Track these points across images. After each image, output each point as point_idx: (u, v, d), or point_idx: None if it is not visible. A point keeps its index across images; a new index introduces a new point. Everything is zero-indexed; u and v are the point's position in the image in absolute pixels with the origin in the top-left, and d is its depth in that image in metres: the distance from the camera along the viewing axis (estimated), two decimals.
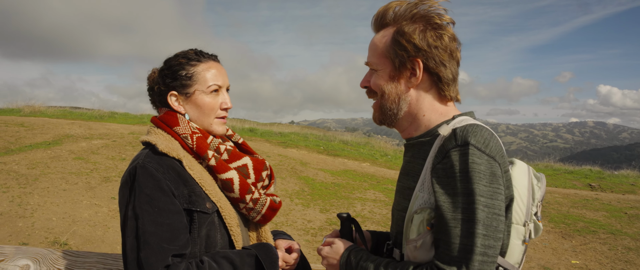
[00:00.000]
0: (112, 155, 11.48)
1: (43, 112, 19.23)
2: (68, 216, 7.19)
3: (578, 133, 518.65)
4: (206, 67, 1.87)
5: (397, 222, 1.65)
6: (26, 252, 2.67)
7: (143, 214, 1.60)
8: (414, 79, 1.59)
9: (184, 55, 1.87)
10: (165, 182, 1.65)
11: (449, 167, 1.40)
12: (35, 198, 7.82)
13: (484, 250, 1.34)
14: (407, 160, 1.69)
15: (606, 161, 20.39)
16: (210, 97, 1.86)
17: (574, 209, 10.08)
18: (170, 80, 1.85)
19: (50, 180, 8.90)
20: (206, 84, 1.85)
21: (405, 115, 1.65)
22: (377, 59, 1.66)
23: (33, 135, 12.82)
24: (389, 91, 1.63)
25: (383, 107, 1.67)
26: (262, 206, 1.92)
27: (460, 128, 1.44)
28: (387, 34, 1.63)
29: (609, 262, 6.75)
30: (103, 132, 14.30)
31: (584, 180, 14.77)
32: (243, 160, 1.93)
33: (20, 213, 7.09)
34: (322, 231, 7.70)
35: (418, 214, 1.48)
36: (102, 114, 20.45)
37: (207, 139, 1.85)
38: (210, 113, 1.87)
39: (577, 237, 7.87)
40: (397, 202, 1.70)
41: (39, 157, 10.49)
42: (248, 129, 21.34)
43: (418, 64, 1.56)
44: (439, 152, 1.46)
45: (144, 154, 1.74)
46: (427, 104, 1.63)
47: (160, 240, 1.59)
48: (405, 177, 1.67)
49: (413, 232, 1.49)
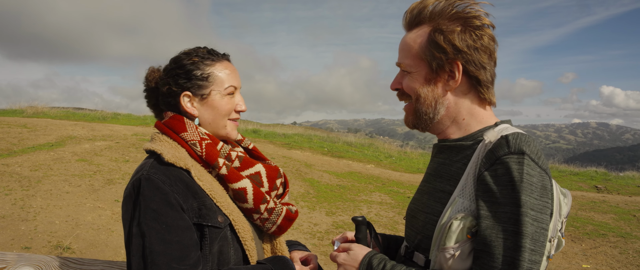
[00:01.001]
0: (115, 157, 11.42)
1: (46, 113, 19.21)
2: (71, 219, 7.11)
3: (581, 134, 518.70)
4: (222, 67, 1.74)
5: (426, 226, 1.53)
6: (29, 259, 2.59)
7: (150, 232, 1.46)
8: (453, 82, 1.50)
9: (197, 54, 1.73)
10: (173, 196, 1.52)
11: (501, 175, 1.32)
12: (37, 201, 7.74)
13: (530, 266, 1.27)
14: (441, 161, 1.60)
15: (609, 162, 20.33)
16: (226, 98, 1.73)
17: (582, 211, 9.97)
18: (184, 80, 1.69)
19: (53, 182, 8.83)
20: (223, 85, 1.71)
21: (442, 119, 1.56)
22: (411, 60, 1.55)
23: (36, 136, 12.77)
24: (425, 95, 1.53)
25: (418, 111, 1.57)
26: (278, 216, 1.77)
27: (512, 135, 1.36)
28: (422, 34, 1.52)
29: (620, 266, 6.64)
30: (106, 134, 14.25)
31: (590, 182, 14.67)
32: (256, 167, 1.80)
33: (22, 216, 7.01)
34: (329, 235, 7.61)
35: (457, 221, 1.38)
36: (105, 115, 20.43)
37: (217, 145, 1.72)
38: (225, 116, 1.74)
39: (586, 241, 7.77)
40: (424, 204, 1.59)
41: (42, 158, 10.43)
42: (252, 130, 21.31)
43: (458, 67, 1.47)
44: (487, 157, 1.37)
45: (149, 164, 1.59)
46: (466, 108, 1.54)
47: (169, 260, 1.44)
48: (437, 179, 1.57)
49: (451, 239, 1.38)
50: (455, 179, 1.48)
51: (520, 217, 1.27)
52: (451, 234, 1.38)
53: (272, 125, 27.59)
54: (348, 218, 8.67)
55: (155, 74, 1.81)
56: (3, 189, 8.16)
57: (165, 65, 1.80)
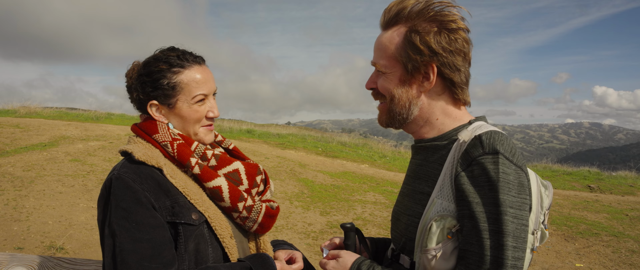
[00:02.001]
0: (109, 156, 11.37)
1: (39, 113, 19.10)
2: (64, 220, 7.07)
3: (574, 134, 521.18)
4: (191, 75, 1.67)
5: (408, 228, 1.55)
6: (21, 260, 2.57)
7: (120, 231, 1.44)
8: (427, 83, 1.51)
9: (166, 60, 1.67)
10: (143, 194, 1.50)
11: (477, 175, 1.35)
12: (30, 201, 7.70)
13: (514, 263, 1.30)
14: (418, 163, 1.61)
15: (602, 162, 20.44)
16: (195, 107, 1.69)
17: (575, 210, 10.02)
18: (150, 89, 1.67)
19: (46, 182, 8.78)
20: (191, 94, 1.67)
21: (416, 119, 1.58)
22: (386, 61, 1.56)
23: (28, 136, 12.70)
24: (400, 96, 1.55)
25: (391, 111, 1.58)
26: (258, 214, 1.76)
27: (485, 135, 1.38)
28: (398, 34, 1.52)
29: (613, 265, 6.67)
30: (99, 134, 14.18)
31: (583, 181, 14.73)
32: (234, 165, 1.76)
33: (15, 216, 6.97)
34: (323, 234, 7.61)
35: (437, 222, 1.40)
36: (99, 115, 20.34)
37: (190, 145, 1.70)
38: (194, 123, 1.71)
39: (580, 240, 7.80)
40: (406, 206, 1.60)
41: (35, 159, 10.37)
42: (246, 130, 21.27)
43: (433, 69, 1.48)
44: (463, 158, 1.39)
45: (120, 164, 1.59)
46: (439, 108, 1.56)
47: (140, 259, 1.42)
48: (416, 181, 1.59)
49: (431, 240, 1.41)
50: (433, 180, 1.50)
51: (500, 216, 1.30)
52: (431, 235, 1.40)
53: (266, 126, 27.55)
54: (343, 218, 8.67)
55: (131, 73, 1.77)
56: None
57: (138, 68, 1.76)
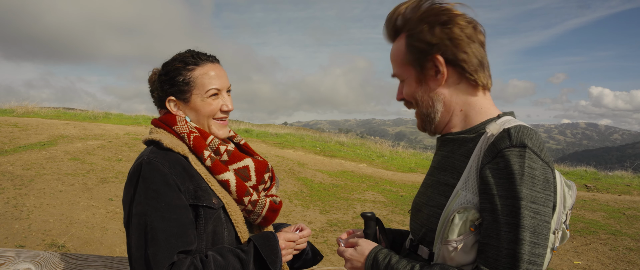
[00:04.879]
0: (108, 156, 11.37)
1: (36, 112, 19.05)
2: (65, 218, 7.08)
3: (570, 134, 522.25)
4: (204, 71, 1.82)
5: (430, 219, 1.54)
6: (27, 256, 2.59)
7: (150, 210, 1.57)
8: (440, 75, 1.52)
9: (181, 59, 1.82)
10: (171, 177, 1.63)
11: (502, 168, 1.33)
12: (31, 199, 7.70)
13: (533, 259, 1.28)
14: (444, 154, 1.61)
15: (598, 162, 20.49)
16: (209, 101, 1.82)
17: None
18: (168, 86, 1.82)
19: (46, 181, 8.77)
20: (204, 89, 1.80)
21: (443, 115, 1.59)
22: (400, 69, 1.62)
23: (27, 135, 12.67)
24: (421, 96, 1.59)
25: (422, 114, 1.62)
26: (262, 208, 1.87)
27: (514, 128, 1.37)
28: (401, 43, 1.58)
29: (611, 262, 6.73)
30: (98, 133, 14.17)
31: (580, 181, 14.79)
32: (244, 161, 1.87)
33: (16, 215, 6.97)
34: (323, 233, 7.64)
35: (460, 214, 1.40)
36: (96, 115, 20.29)
37: (206, 139, 1.82)
38: (208, 116, 1.84)
39: (578, 238, 7.85)
40: (428, 197, 1.60)
41: (34, 157, 10.36)
42: (244, 130, 21.28)
43: (438, 60, 1.50)
44: (489, 151, 1.38)
45: (149, 150, 1.72)
46: (462, 98, 1.56)
47: (168, 236, 1.55)
48: (441, 172, 1.59)
49: (453, 232, 1.40)
50: (458, 172, 1.49)
51: (519, 210, 1.28)
52: (454, 227, 1.40)
53: (263, 126, 27.54)
54: (342, 216, 8.71)
55: (153, 77, 1.93)
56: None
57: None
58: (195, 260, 1.59)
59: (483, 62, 1.53)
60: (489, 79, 1.56)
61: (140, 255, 1.54)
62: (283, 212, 8.64)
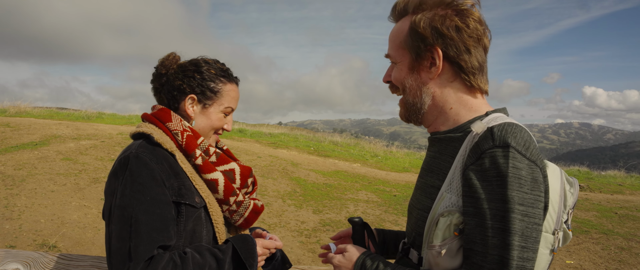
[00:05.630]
0: (101, 155, 11.31)
1: (29, 112, 18.96)
2: (57, 218, 7.04)
3: (564, 134, 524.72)
4: (230, 88, 1.93)
5: (418, 222, 1.50)
6: (16, 256, 2.57)
7: (134, 203, 1.59)
8: (434, 69, 1.45)
9: (218, 68, 1.92)
10: (158, 173, 1.66)
11: (486, 169, 1.26)
12: (22, 199, 7.65)
13: (522, 264, 1.22)
14: (432, 155, 1.56)
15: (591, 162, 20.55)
16: (221, 116, 1.92)
17: None
18: (196, 85, 1.87)
19: (38, 181, 8.72)
20: (224, 104, 1.91)
21: (430, 109, 1.52)
22: (395, 51, 1.54)
23: (19, 135, 12.60)
24: (410, 84, 1.51)
25: (407, 103, 1.56)
26: (246, 209, 1.94)
27: (497, 126, 1.31)
28: (405, 24, 1.51)
29: (603, 261, 6.76)
30: (91, 133, 14.10)
31: None
32: (231, 165, 1.94)
33: (6, 215, 6.93)
34: (316, 232, 7.64)
35: (444, 217, 1.34)
36: (90, 115, 20.22)
37: (197, 139, 1.86)
38: (214, 129, 1.93)
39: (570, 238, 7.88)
40: (417, 199, 1.56)
41: (26, 157, 10.30)
42: (237, 130, 21.24)
43: (437, 53, 1.43)
44: (472, 151, 1.32)
45: (138, 144, 1.74)
46: (453, 96, 1.49)
47: (151, 230, 1.58)
48: (428, 174, 1.54)
49: (438, 236, 1.35)
50: (444, 173, 1.44)
51: (507, 214, 1.22)
52: (438, 231, 1.35)
53: (258, 125, 27.50)
54: (335, 216, 8.70)
55: (172, 63, 1.93)
56: None
57: (182, 62, 1.95)
58: (174, 256, 1.60)
59: (483, 67, 1.48)
60: (486, 84, 1.50)
61: (121, 246, 1.55)
62: (276, 211, 8.63)
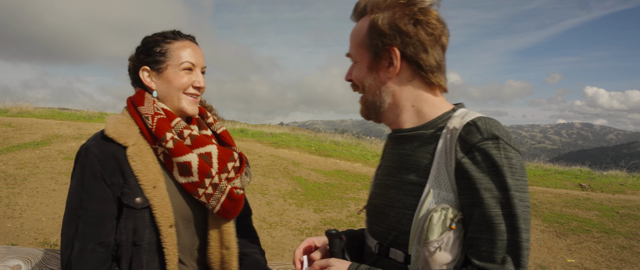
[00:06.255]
0: None
1: (31, 112, 18.96)
2: (58, 216, 7.06)
3: (565, 134, 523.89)
4: (181, 46, 1.85)
5: (400, 221, 1.48)
6: (17, 252, 2.58)
7: (75, 196, 1.67)
8: (392, 68, 1.48)
9: (161, 33, 1.87)
10: (100, 169, 1.67)
11: (481, 161, 1.32)
12: (23, 198, 7.67)
13: (527, 245, 1.30)
14: (403, 153, 1.55)
15: (593, 162, 20.51)
16: (182, 73, 1.83)
17: (566, 208, 10.10)
18: (144, 56, 1.84)
19: (39, 180, 8.74)
20: (179, 61, 1.82)
21: (390, 107, 1.55)
22: (355, 50, 1.56)
23: (21, 135, 12.62)
24: (370, 84, 1.54)
25: (367, 101, 1.58)
26: (222, 193, 1.81)
27: (479, 121, 1.36)
28: (364, 23, 1.53)
29: (604, 260, 6.75)
30: (93, 132, 14.08)
31: (575, 180, 14.84)
32: (208, 147, 1.84)
33: (8, 213, 6.95)
34: (317, 231, 7.64)
35: (437, 213, 1.36)
36: (91, 115, 20.22)
37: (171, 121, 1.80)
38: (179, 89, 1.83)
39: (571, 236, 7.88)
40: (392, 198, 1.53)
41: (28, 157, 10.31)
42: (239, 130, 21.25)
43: (394, 53, 1.45)
44: (461, 146, 1.36)
45: (94, 136, 1.76)
46: (413, 94, 1.51)
47: (85, 225, 1.64)
48: (402, 171, 1.52)
49: (433, 232, 1.36)
50: (424, 170, 1.45)
51: (510, 200, 1.28)
52: (433, 227, 1.37)
53: (259, 126, 27.51)
54: (336, 215, 8.71)
55: (133, 55, 1.94)
56: None
57: None
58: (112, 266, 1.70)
59: (441, 65, 1.50)
60: (445, 81, 1.53)
61: (63, 232, 1.67)
62: (276, 210, 8.64)
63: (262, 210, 8.70)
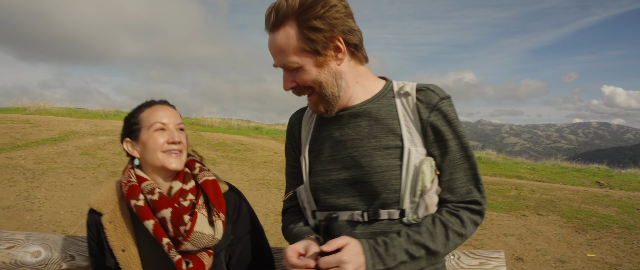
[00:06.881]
0: (118, 150, 11.44)
1: (48, 110, 19.21)
2: (76, 209, 7.13)
3: (582, 134, 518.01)
4: (151, 111, 1.95)
5: (389, 182, 1.57)
6: (37, 239, 2.59)
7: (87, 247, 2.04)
8: (340, 54, 1.59)
9: (136, 108, 2.01)
10: (89, 233, 1.98)
11: (444, 117, 1.60)
12: (42, 192, 7.76)
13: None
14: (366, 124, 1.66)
15: (611, 162, 20.23)
16: (155, 135, 1.90)
17: (585, 204, 9.97)
18: (124, 130, 2.00)
19: (57, 174, 8.84)
20: (149, 123, 1.92)
21: (345, 91, 1.66)
22: (294, 56, 1.57)
23: (39, 131, 12.79)
24: (326, 79, 1.60)
25: (326, 96, 1.63)
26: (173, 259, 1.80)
27: (431, 85, 1.64)
28: (290, 31, 1.55)
29: (625, 255, 6.63)
30: (109, 129, 14.26)
31: (592, 178, 14.65)
32: (163, 212, 1.81)
33: (27, 206, 7.03)
34: None
35: (425, 164, 1.57)
36: (108, 113, 20.43)
37: (142, 183, 1.89)
38: (155, 149, 1.89)
39: (591, 232, 7.76)
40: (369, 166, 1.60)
41: (46, 152, 10.44)
42: (253, 127, 21.37)
43: (339, 40, 1.55)
44: (425, 107, 1.60)
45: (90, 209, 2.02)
46: (355, 72, 1.67)
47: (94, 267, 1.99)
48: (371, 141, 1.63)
49: (428, 180, 1.57)
50: (395, 134, 1.62)
51: (467, 144, 1.62)
52: (426, 177, 1.57)
53: (273, 125, 27.62)
54: None
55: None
56: (7, 181, 8.19)
57: None
58: None
59: (362, 39, 1.66)
60: (366, 52, 1.70)
61: None
62: None
63: (278, 204, 8.71)
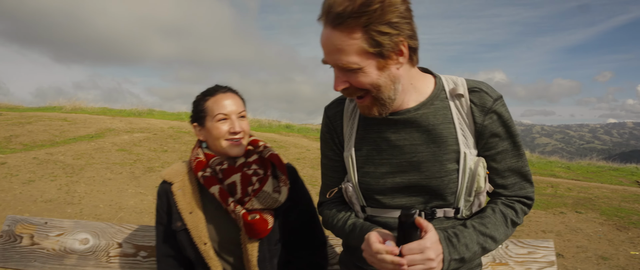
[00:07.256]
0: (154, 147, 11.61)
1: (83, 109, 19.64)
2: (114, 203, 7.27)
3: (616, 134, 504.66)
4: (216, 99, 2.10)
5: (446, 186, 1.66)
6: (85, 226, 2.64)
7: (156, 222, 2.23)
8: (402, 58, 1.52)
9: (202, 92, 2.16)
10: (159, 203, 2.19)
11: (499, 118, 1.63)
12: (81, 186, 7.94)
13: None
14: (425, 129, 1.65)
15: None
16: (217, 125, 2.07)
17: (625, 203, 9.71)
18: (193, 114, 2.18)
19: (95, 170, 9.04)
20: (213, 114, 2.08)
21: (400, 94, 1.62)
22: (355, 57, 1.47)
23: (76, 129, 13.08)
24: (385, 82, 1.53)
25: (381, 100, 1.57)
26: (239, 219, 2.03)
27: (482, 85, 1.66)
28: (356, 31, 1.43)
29: None
30: (144, 127, 14.49)
31: (631, 177, 14.23)
32: (232, 177, 2.07)
33: (68, 200, 7.20)
34: None
35: (480, 167, 1.64)
36: (141, 111, 20.76)
37: (209, 159, 2.12)
38: (218, 138, 2.08)
39: (633, 230, 7.55)
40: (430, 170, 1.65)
41: (83, 148, 10.68)
42: (285, 126, 21.45)
43: (403, 44, 1.48)
44: (480, 110, 1.63)
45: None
46: (410, 74, 1.62)
47: (158, 241, 2.19)
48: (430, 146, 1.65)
49: (482, 182, 1.66)
50: (453, 138, 1.64)
51: (519, 143, 1.67)
52: (481, 178, 1.66)
53: (304, 124, 27.67)
54: None
55: None
56: (48, 176, 8.41)
57: None
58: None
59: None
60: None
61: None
62: None
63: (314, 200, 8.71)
